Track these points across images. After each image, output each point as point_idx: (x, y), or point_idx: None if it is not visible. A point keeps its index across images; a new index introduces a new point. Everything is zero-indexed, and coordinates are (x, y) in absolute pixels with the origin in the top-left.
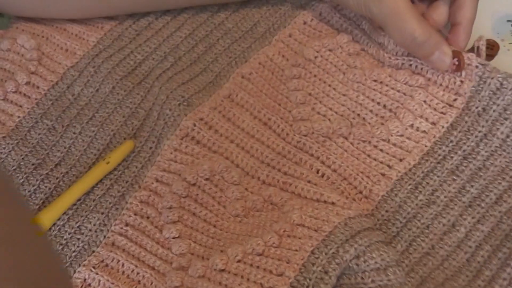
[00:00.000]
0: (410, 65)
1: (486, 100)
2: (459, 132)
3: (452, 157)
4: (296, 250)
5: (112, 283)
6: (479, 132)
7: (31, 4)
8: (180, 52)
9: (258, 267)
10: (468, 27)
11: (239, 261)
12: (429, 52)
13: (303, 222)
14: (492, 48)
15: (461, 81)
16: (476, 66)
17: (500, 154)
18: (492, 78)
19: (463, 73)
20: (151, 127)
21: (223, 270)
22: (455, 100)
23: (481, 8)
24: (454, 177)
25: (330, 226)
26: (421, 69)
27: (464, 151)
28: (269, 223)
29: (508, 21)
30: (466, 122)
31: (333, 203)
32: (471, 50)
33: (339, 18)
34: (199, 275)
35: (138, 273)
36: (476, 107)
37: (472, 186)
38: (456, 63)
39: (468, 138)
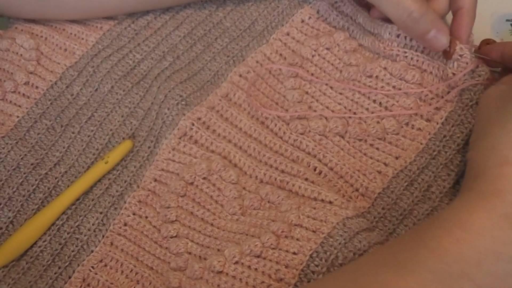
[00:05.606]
0: (406, 56)
1: (478, 94)
2: (452, 126)
3: (446, 152)
4: (295, 253)
5: (111, 283)
6: (473, 126)
7: (30, 6)
8: (178, 51)
9: (256, 269)
10: (471, 10)
11: (236, 262)
12: (425, 29)
13: (301, 222)
14: None
15: (453, 74)
16: (470, 59)
17: None
18: (486, 74)
19: (455, 64)
20: (149, 126)
21: (220, 272)
22: (449, 92)
23: (481, 7)
24: (449, 172)
25: (328, 227)
26: (417, 60)
27: (458, 145)
28: (267, 222)
29: (507, 20)
30: (459, 115)
31: (330, 202)
32: None
33: (336, 15)
34: (197, 276)
35: (136, 273)
36: (470, 101)
37: None
38: (448, 49)
39: (462, 132)
